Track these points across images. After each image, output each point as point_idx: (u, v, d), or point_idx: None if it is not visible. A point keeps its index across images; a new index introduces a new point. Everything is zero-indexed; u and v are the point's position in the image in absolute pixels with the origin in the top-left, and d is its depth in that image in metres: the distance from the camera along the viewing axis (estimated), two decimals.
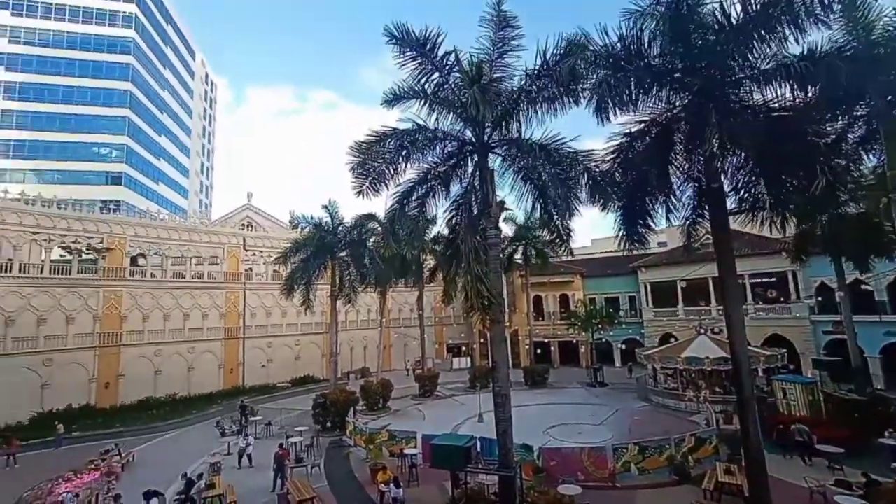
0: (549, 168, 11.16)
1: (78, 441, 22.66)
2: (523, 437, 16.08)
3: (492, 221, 11.52)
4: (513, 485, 9.87)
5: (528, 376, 33.52)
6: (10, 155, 52.12)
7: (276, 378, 35.75)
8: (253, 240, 37.57)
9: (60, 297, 27.39)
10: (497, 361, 11.27)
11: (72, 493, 13.36)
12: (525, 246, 33.90)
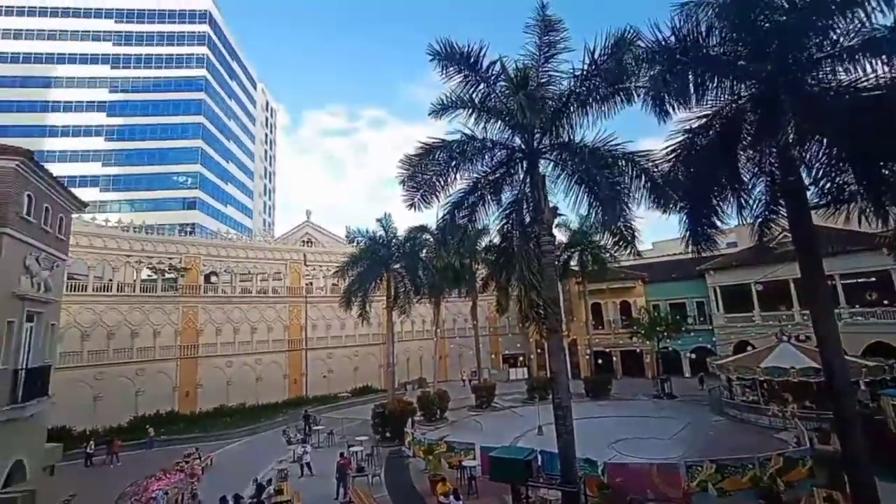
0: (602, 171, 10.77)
1: (165, 444, 24.73)
2: (586, 451, 15.36)
3: (545, 228, 11.27)
4: (577, 501, 9.43)
5: (589, 387, 32.18)
6: (111, 188, 59.12)
7: (336, 388, 36.97)
8: (312, 255, 39.43)
9: (148, 312, 30.24)
10: (556, 372, 10.91)
11: (162, 490, 14.55)
12: (581, 252, 32.82)
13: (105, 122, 60.83)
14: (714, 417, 24.51)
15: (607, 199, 10.57)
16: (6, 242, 10.70)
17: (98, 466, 21.66)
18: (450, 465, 18.06)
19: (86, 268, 28.67)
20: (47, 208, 12.75)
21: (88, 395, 26.57)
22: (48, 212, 12.81)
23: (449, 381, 41.22)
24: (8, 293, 10.82)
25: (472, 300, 33.07)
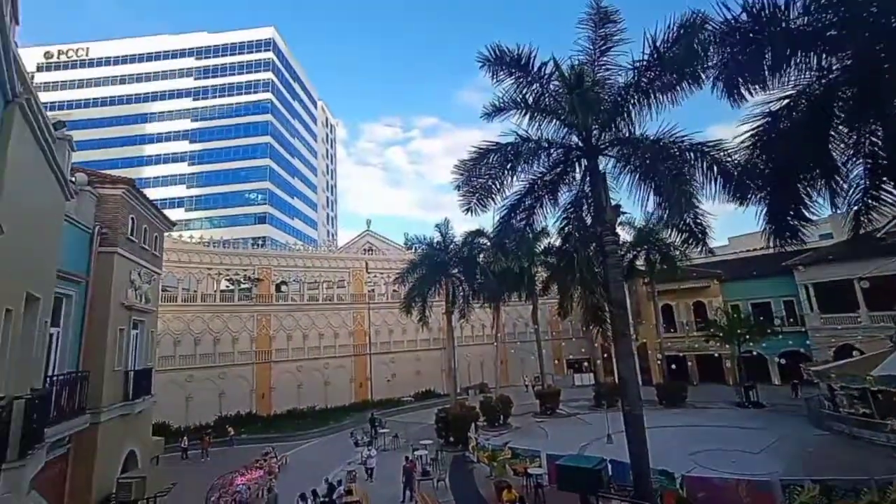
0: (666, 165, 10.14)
1: (244, 442, 26.66)
2: (661, 461, 14.40)
3: (607, 227, 10.81)
4: None
5: (662, 394, 30.22)
6: (193, 208, 65.37)
7: (400, 392, 37.82)
8: (373, 263, 40.79)
9: (227, 320, 32.85)
10: (624, 378, 10.38)
11: (245, 485, 15.69)
12: (648, 251, 30.95)
13: (188, 148, 67.59)
14: (814, 431, 21.92)
15: (673, 194, 9.93)
16: (117, 261, 12.16)
17: (192, 460, 23.83)
18: (515, 471, 17.75)
19: (175, 280, 31.75)
20: (145, 229, 14.31)
21: (181, 395, 29.32)
22: (146, 232, 14.38)
23: (511, 386, 40.63)
24: (119, 304, 12.26)
25: (533, 304, 32.41)
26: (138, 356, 13.85)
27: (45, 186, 7.38)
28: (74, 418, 9.54)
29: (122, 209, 12.60)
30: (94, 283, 11.47)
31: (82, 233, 11.12)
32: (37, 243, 7.06)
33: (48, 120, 6.92)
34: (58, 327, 10.06)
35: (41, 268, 7.47)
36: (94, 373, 10.83)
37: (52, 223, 8.03)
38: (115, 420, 11.71)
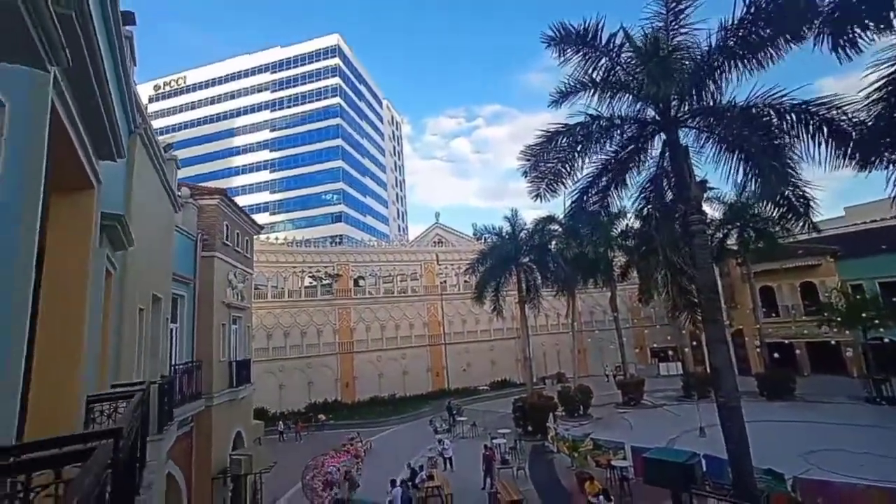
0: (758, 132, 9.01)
1: (332, 427, 28.66)
2: (766, 460, 13.01)
3: (692, 205, 9.88)
4: None
5: (764, 385, 27.33)
6: (276, 211, 70.93)
7: (475, 381, 38.24)
8: (443, 255, 41.44)
9: (312, 314, 35.34)
10: (717, 367, 9.48)
11: (335, 467, 16.87)
12: (740, 228, 27.87)
13: (269, 157, 73.33)
14: None
15: (766, 167, 8.80)
16: (216, 263, 13.61)
17: (287, 442, 26.16)
18: (598, 463, 17.15)
19: (265, 279, 34.76)
20: (237, 233, 15.83)
21: (275, 383, 32.21)
22: (238, 236, 15.89)
23: (590, 375, 39.25)
24: (220, 302, 13.75)
25: (611, 290, 30.87)
26: (238, 348, 15.39)
27: (160, 202, 8.43)
28: (194, 401, 10.92)
29: (217, 217, 14.00)
30: (199, 285, 12.92)
31: (188, 240, 12.54)
32: (157, 251, 8.09)
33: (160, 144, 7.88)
34: (176, 323, 11.50)
35: (162, 272, 8.59)
36: (205, 363, 12.25)
37: (166, 233, 9.15)
38: (224, 404, 13.17)
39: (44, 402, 3.00)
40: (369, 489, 16.90)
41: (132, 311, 5.94)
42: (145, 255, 6.65)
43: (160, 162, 7.72)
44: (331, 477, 16.41)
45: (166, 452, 8.07)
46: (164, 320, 8.69)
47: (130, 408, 2.87)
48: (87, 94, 2.81)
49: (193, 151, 71.72)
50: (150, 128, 6.94)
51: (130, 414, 2.71)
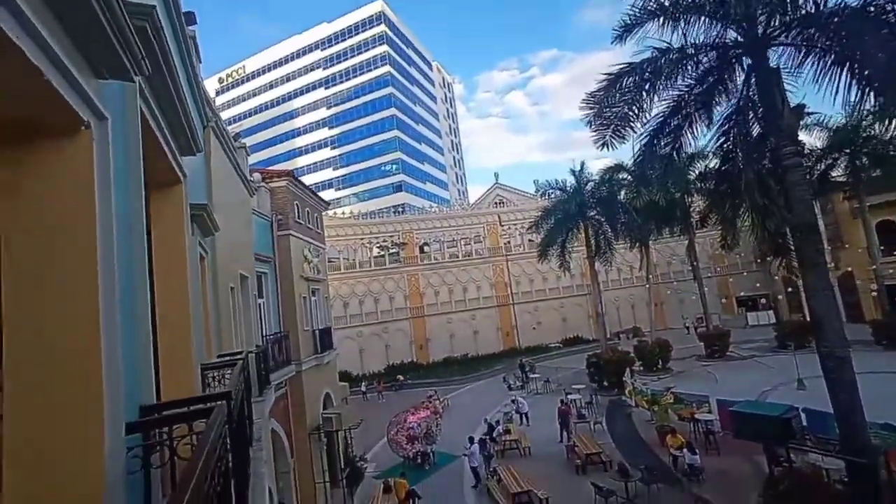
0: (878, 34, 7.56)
1: (410, 387, 30.42)
2: (884, 415, 11.79)
3: (784, 136, 8.70)
4: (872, 474, 7.37)
5: (881, 333, 24.34)
6: (341, 187, 73.73)
7: (546, 339, 38.26)
8: (505, 215, 40.90)
9: (383, 282, 37.03)
10: (819, 315, 8.55)
11: (416, 423, 18.05)
12: (851, 155, 23.98)
13: (328, 134, 75.59)
14: None
15: (890, 75, 7.40)
16: (292, 241, 14.62)
17: (370, 401, 28.27)
18: (680, 417, 16.65)
19: (336, 252, 36.77)
20: (307, 211, 16.76)
21: (355, 348, 34.62)
22: (308, 213, 16.83)
23: (669, 329, 37.54)
24: (299, 277, 14.85)
25: (689, 238, 28.75)
26: (319, 318, 16.63)
27: (236, 188, 9.11)
28: (286, 367, 12.11)
29: (287, 197, 14.86)
30: (279, 262, 13.99)
31: (264, 221, 13.50)
32: (239, 235, 8.84)
33: (229, 134, 8.43)
34: (262, 299, 12.65)
35: (245, 253, 9.40)
36: (292, 332, 13.42)
37: (245, 217, 9.91)
38: (311, 369, 14.45)
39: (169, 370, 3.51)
40: (449, 444, 17.91)
41: (225, 289, 6.60)
42: (229, 238, 7.28)
43: (232, 151, 8.28)
44: (413, 432, 17.60)
45: (268, 412, 9.14)
46: (252, 296, 9.58)
47: (235, 373, 3.25)
48: (165, 97, 3.04)
49: (258, 137, 75.83)
50: (219, 120, 7.43)
51: (236, 378, 3.07)
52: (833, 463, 9.32)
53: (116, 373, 1.86)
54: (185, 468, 1.20)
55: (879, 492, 7.29)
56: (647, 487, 12.32)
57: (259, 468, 4.23)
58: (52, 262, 1.75)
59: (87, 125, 1.80)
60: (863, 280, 30.17)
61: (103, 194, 1.88)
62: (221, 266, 6.36)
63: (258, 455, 4.62)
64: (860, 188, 25.25)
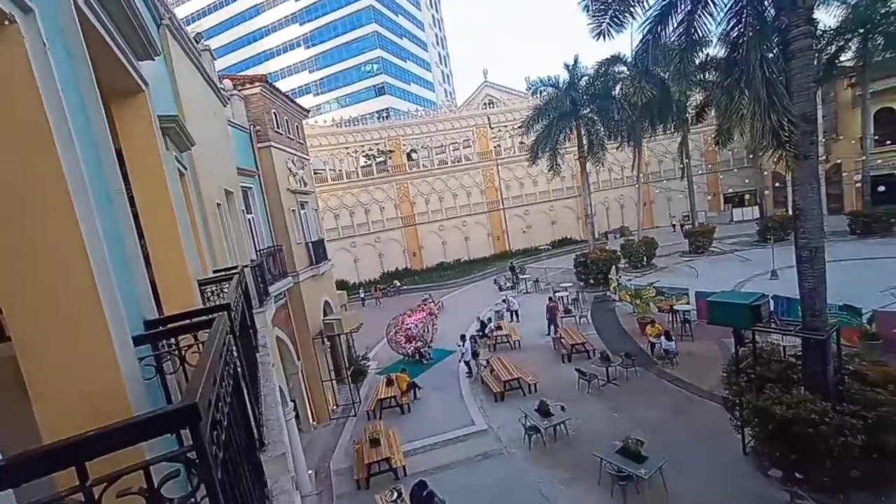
0: None
1: (406, 292, 31.81)
2: (848, 297, 12.79)
3: (798, 15, 8.02)
4: (823, 349, 8.18)
5: (857, 223, 25.23)
6: (320, 92, 68.69)
7: (536, 241, 39.29)
8: (495, 116, 39.10)
9: (372, 192, 36.57)
10: (802, 208, 8.73)
11: (414, 324, 19.24)
12: (864, 35, 22.31)
13: (300, 32, 68.08)
14: None
15: None
16: (273, 153, 14.03)
17: (368, 307, 29.71)
18: (659, 309, 17.86)
19: (321, 163, 35.64)
20: (286, 120, 15.83)
21: (349, 258, 35.39)
22: (288, 122, 15.93)
23: (656, 227, 38.67)
24: (285, 190, 14.56)
25: (683, 134, 28.10)
26: (311, 230, 16.69)
27: (207, 97, 8.45)
28: (283, 279, 12.46)
29: (263, 105, 13.93)
30: (263, 175, 13.60)
31: (242, 133, 12.82)
32: (218, 148, 8.42)
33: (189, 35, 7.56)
34: (251, 214, 12.53)
35: (227, 168, 9.08)
36: (285, 246, 13.56)
37: (221, 129, 9.36)
38: (309, 280, 14.90)
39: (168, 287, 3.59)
40: (445, 341, 19.29)
41: (211, 205, 6.48)
42: (208, 153, 6.95)
43: (196, 55, 7.50)
44: (411, 332, 18.82)
45: (271, 321, 9.61)
46: (240, 212, 9.47)
47: (232, 286, 3.34)
48: None
49: (222, 40, 68.36)
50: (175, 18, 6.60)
51: (233, 291, 3.16)
52: (792, 341, 10.28)
53: (110, 286, 1.90)
54: (194, 369, 1.28)
55: (826, 361, 8.15)
56: (626, 371, 13.67)
57: (268, 370, 4.56)
58: (17, 179, 1.67)
59: (10, 19, 1.59)
60: (849, 171, 30.36)
61: (51, 99, 1.73)
62: (204, 182, 6.16)
63: (265, 360, 4.95)
64: (866, 73, 24.14)
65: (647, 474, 8.29)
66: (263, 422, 3.24)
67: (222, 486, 1.04)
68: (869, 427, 7.25)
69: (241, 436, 1.65)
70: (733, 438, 9.55)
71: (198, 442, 0.92)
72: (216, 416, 1.15)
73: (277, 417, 3.44)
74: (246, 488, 1.52)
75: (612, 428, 10.83)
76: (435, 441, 11.98)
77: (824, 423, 7.34)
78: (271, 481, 2.55)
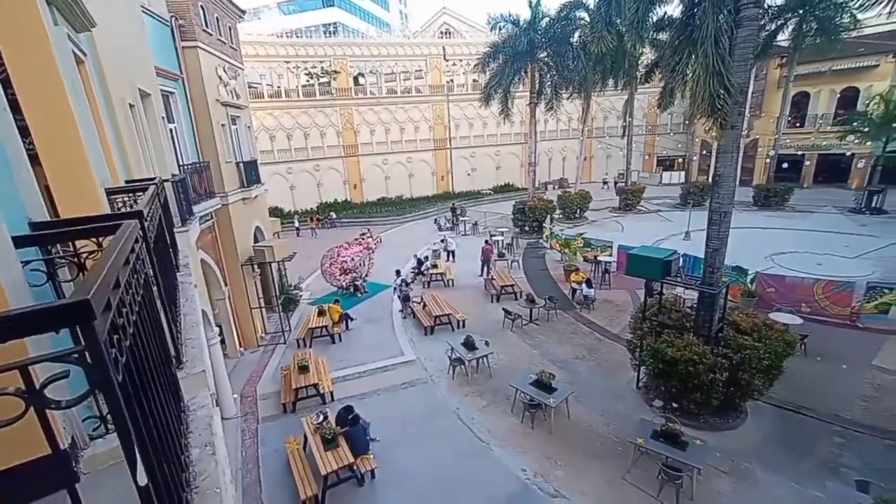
0: None
1: (343, 225, 31.10)
2: (739, 260, 14.55)
3: None
4: (713, 302, 9.39)
5: (760, 195, 28.16)
6: None
7: (479, 185, 39.53)
8: (451, 48, 37.10)
9: (313, 116, 34.01)
10: (721, 174, 9.51)
11: (350, 257, 19.03)
12: (801, 17, 23.61)
13: None
14: None
15: None
16: (201, 56, 12.32)
17: (304, 237, 28.81)
18: (585, 258, 19.18)
19: (258, 76, 32.20)
20: (217, 18, 13.82)
21: (285, 185, 33.46)
22: (219, 22, 13.93)
23: (593, 182, 40.43)
24: (214, 101, 13.04)
25: (630, 93, 28.73)
26: (243, 149, 15.38)
27: None
28: (210, 199, 11.55)
29: None
30: (189, 81, 12.04)
31: (162, 26, 11.04)
32: (128, 36, 7.21)
33: None
34: (173, 123, 11.19)
35: (142, 64, 7.87)
36: (213, 164, 12.42)
37: (131, 14, 7.97)
38: (239, 203, 13.96)
39: (65, 189, 3.16)
40: (381, 275, 19.43)
41: (121, 104, 5.66)
42: (114, 40, 5.94)
43: None
44: (346, 265, 18.66)
45: (195, 242, 9.01)
46: (160, 119, 8.41)
47: (146, 197, 3.01)
48: None
49: None
50: None
51: (148, 201, 2.86)
52: (692, 294, 11.63)
53: None
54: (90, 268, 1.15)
55: (713, 311, 9.42)
56: (548, 313, 14.78)
57: (189, 291, 4.32)
58: None
59: None
60: (764, 147, 33.23)
61: None
62: (110, 74, 5.30)
63: (186, 279, 4.68)
64: (795, 56, 25.77)
65: (555, 403, 9.29)
66: (182, 340, 3.13)
67: (124, 391, 0.99)
68: (733, 366, 8.65)
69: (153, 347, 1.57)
70: (630, 375, 10.90)
71: (91, 342, 0.84)
72: (117, 321, 1.07)
73: (198, 337, 3.32)
74: (156, 399, 1.47)
75: (530, 363, 11.86)
76: (364, 369, 12.41)
77: (702, 363, 8.62)
78: (188, 396, 2.52)
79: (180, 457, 1.74)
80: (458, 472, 8.50)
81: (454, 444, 9.30)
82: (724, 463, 8.19)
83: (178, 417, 2.03)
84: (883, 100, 25.38)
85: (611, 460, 8.48)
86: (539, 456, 8.75)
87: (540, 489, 7.98)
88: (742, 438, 8.89)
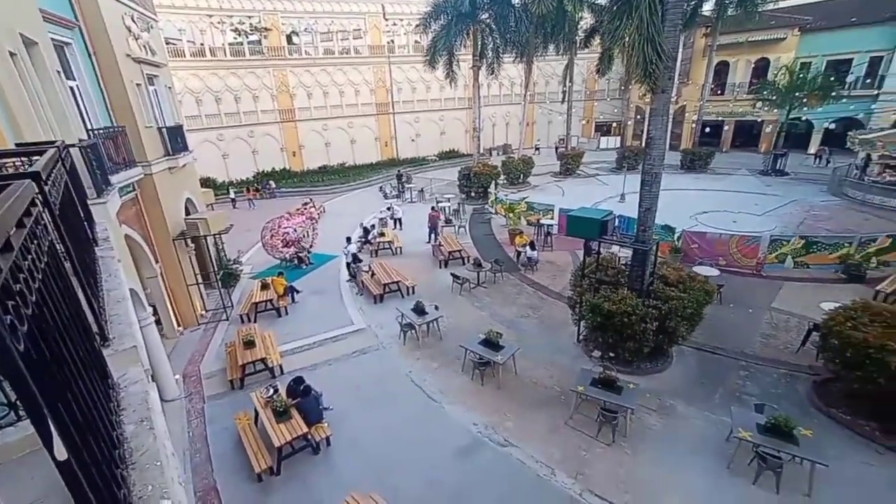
0: None
1: (284, 195, 29.63)
2: (667, 219, 15.66)
3: None
4: (645, 258, 10.13)
5: (686, 159, 30.23)
6: None
7: (424, 151, 38.95)
8: (391, 6, 35.29)
9: (243, 77, 31.37)
10: (653, 137, 10.05)
11: (292, 227, 18.26)
12: None
13: None
14: (826, 198, 22.51)
15: None
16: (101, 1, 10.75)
17: (241, 209, 27.18)
18: (528, 222, 19.80)
19: (176, 30, 28.95)
20: None
21: (217, 153, 31.05)
22: None
23: (536, 148, 41.18)
24: (124, 56, 11.56)
25: (570, 58, 29.09)
26: (165, 114, 13.98)
27: None
28: (131, 169, 10.44)
29: None
30: (88, 30, 10.56)
31: None
32: None
33: None
34: (74, 80, 9.86)
35: (19, 5, 6.73)
36: (130, 129, 11.18)
37: None
38: (164, 172, 12.78)
39: None
40: (326, 245, 18.93)
41: None
42: None
43: None
44: (289, 236, 17.92)
45: (115, 215, 8.23)
46: (54, 73, 7.35)
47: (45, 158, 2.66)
48: None
49: None
50: None
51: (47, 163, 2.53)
52: (626, 252, 12.43)
53: None
54: None
55: (645, 267, 10.18)
56: (494, 275, 15.23)
57: (111, 265, 3.97)
58: None
59: None
60: (690, 113, 35.39)
61: None
62: None
63: (107, 253, 4.29)
64: (717, 26, 27.24)
65: (503, 360, 9.74)
66: (107, 317, 2.91)
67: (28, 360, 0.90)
68: (662, 315, 9.48)
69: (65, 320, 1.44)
70: (572, 330, 11.61)
71: None
72: (13, 286, 0.96)
73: (126, 313, 3.09)
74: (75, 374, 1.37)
75: (478, 324, 12.24)
76: (313, 341, 12.22)
77: (635, 314, 9.35)
78: (119, 374, 2.37)
79: (111, 433, 1.65)
80: (412, 432, 8.77)
81: (407, 406, 9.55)
82: (653, 402, 9.09)
83: (107, 394, 1.90)
84: (788, 71, 27.75)
85: (555, 408, 9.12)
86: (489, 410, 9.21)
87: (490, 440, 8.46)
88: (668, 379, 9.88)
